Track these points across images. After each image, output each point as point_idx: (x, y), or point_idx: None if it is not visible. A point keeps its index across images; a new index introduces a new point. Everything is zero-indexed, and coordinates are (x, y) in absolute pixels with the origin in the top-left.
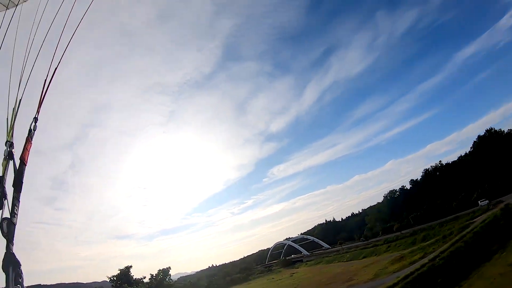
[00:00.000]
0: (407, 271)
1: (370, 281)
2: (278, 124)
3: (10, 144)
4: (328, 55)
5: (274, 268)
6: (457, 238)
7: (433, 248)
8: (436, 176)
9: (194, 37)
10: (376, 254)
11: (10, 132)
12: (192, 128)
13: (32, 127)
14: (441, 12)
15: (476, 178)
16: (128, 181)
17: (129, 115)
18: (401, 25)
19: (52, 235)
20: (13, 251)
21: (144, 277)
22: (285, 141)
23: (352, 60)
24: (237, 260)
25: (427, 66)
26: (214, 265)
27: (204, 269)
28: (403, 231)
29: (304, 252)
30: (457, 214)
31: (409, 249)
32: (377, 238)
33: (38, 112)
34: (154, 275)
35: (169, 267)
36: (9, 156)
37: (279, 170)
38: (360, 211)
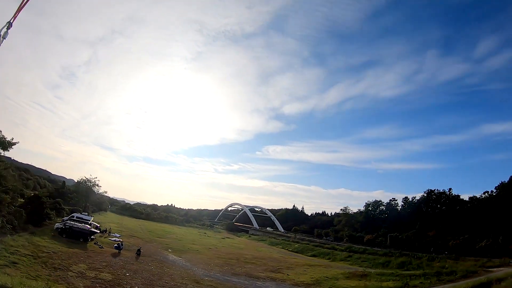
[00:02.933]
0: None
1: (305, 286)
2: (292, 108)
3: None
4: (367, 67)
5: (216, 227)
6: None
7: (421, 283)
8: (437, 203)
9: None
10: (330, 259)
11: None
12: (212, 76)
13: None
14: (489, 79)
15: (493, 224)
16: (133, 99)
17: (160, 38)
18: (447, 72)
19: (43, 120)
20: None
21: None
22: (292, 127)
23: (386, 82)
24: (194, 209)
25: (452, 121)
26: (173, 205)
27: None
28: (375, 248)
29: (255, 225)
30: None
31: (378, 270)
32: (339, 243)
33: (14, 17)
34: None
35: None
36: None
37: (275, 151)
38: (333, 213)
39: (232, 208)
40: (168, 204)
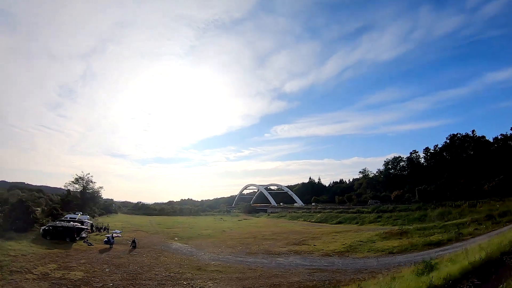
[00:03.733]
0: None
1: (337, 255)
2: (293, 86)
3: None
4: (361, 33)
5: (234, 211)
6: None
7: (476, 230)
8: (461, 149)
9: None
10: (358, 223)
11: None
12: (208, 68)
13: None
14: (485, 28)
15: None
16: (134, 103)
17: (151, 39)
18: (442, 27)
19: (50, 140)
20: None
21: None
22: (295, 104)
23: (383, 45)
24: (211, 200)
25: (453, 75)
26: (189, 199)
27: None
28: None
29: (273, 203)
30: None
31: (416, 225)
32: (364, 206)
33: None
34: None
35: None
36: None
37: (283, 130)
38: (351, 180)
39: (248, 191)
40: (183, 199)
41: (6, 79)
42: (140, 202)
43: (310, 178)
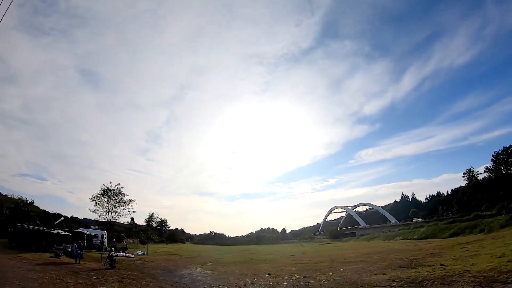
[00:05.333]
0: None
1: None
2: (372, 107)
3: None
4: (431, 41)
5: (318, 238)
6: None
7: None
8: None
9: (293, 12)
10: (484, 230)
11: None
12: (285, 101)
13: None
14: None
15: None
16: (217, 143)
17: (226, 81)
18: None
19: (141, 183)
20: None
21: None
22: (377, 126)
23: (456, 49)
24: (297, 230)
25: None
26: (272, 228)
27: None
28: None
29: (363, 224)
30: None
31: None
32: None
33: None
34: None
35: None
36: None
37: (367, 154)
38: (449, 191)
39: (335, 216)
40: (262, 228)
41: (97, 130)
42: (214, 231)
43: (402, 194)
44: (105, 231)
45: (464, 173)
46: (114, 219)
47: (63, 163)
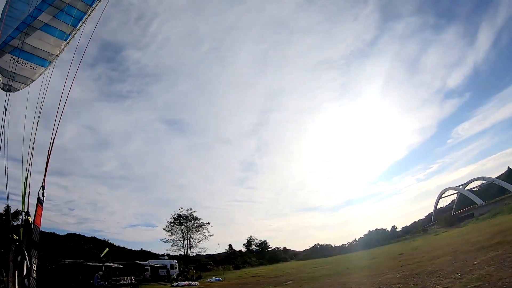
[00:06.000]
0: None
1: None
2: (455, 78)
3: (25, 213)
4: None
5: (432, 228)
6: None
7: None
8: None
9: (346, 8)
10: None
11: (24, 203)
12: (366, 98)
13: (40, 195)
14: None
15: None
16: (310, 157)
17: (302, 95)
18: None
19: (245, 211)
20: None
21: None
22: (467, 96)
23: None
24: (408, 225)
25: None
26: (381, 228)
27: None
28: None
29: (479, 202)
30: None
31: None
32: None
33: (44, 181)
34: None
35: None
36: (25, 223)
37: (464, 129)
38: None
39: (446, 201)
40: (370, 230)
41: (192, 171)
42: (318, 244)
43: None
44: (175, 261)
45: None
46: (190, 246)
47: (167, 207)
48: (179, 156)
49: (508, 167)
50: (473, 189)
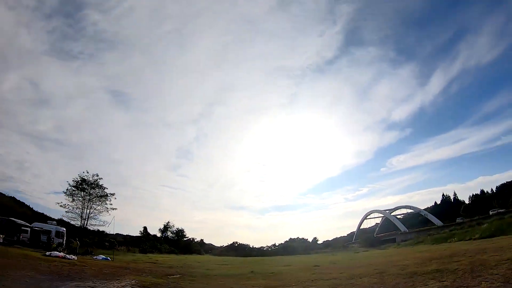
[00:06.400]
0: None
1: None
2: (400, 113)
3: None
4: (456, 41)
5: (352, 246)
6: None
7: None
8: None
9: (315, 22)
10: None
11: None
12: (313, 111)
13: None
14: None
15: None
16: (248, 157)
17: (253, 96)
18: None
19: (173, 198)
20: None
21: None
22: (407, 131)
23: (482, 46)
24: (329, 240)
25: None
26: (302, 238)
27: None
28: None
29: (403, 228)
30: None
31: None
32: None
33: None
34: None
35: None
36: None
37: (399, 161)
38: (494, 189)
39: (370, 224)
40: (291, 238)
41: (128, 148)
42: (236, 242)
43: (443, 195)
44: (63, 228)
45: None
46: (88, 217)
47: None
48: (119, 131)
49: (435, 202)
50: (397, 216)
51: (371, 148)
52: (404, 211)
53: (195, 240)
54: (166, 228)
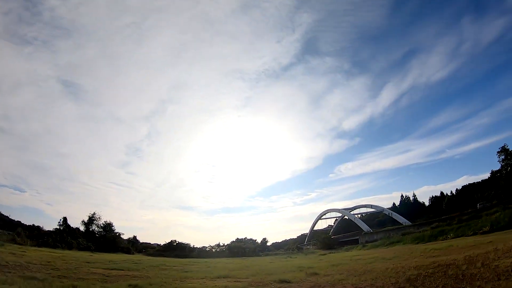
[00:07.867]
0: None
1: None
2: (351, 122)
3: None
4: (409, 58)
5: (307, 248)
6: None
7: None
8: None
9: (275, 29)
10: None
11: None
12: (266, 116)
13: None
14: None
15: None
16: (198, 157)
17: (207, 96)
18: (488, 33)
19: (121, 196)
20: None
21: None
22: (356, 140)
23: (433, 65)
24: (279, 242)
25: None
26: (250, 238)
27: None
28: None
29: (366, 228)
30: None
31: None
32: None
33: None
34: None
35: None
36: None
37: (347, 168)
38: (454, 191)
39: (324, 225)
40: (238, 238)
41: (76, 142)
42: (175, 241)
43: (402, 195)
44: None
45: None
46: None
47: (42, 174)
48: (68, 123)
49: (394, 203)
50: (356, 216)
51: (321, 155)
52: (364, 210)
53: (120, 235)
54: (91, 220)
